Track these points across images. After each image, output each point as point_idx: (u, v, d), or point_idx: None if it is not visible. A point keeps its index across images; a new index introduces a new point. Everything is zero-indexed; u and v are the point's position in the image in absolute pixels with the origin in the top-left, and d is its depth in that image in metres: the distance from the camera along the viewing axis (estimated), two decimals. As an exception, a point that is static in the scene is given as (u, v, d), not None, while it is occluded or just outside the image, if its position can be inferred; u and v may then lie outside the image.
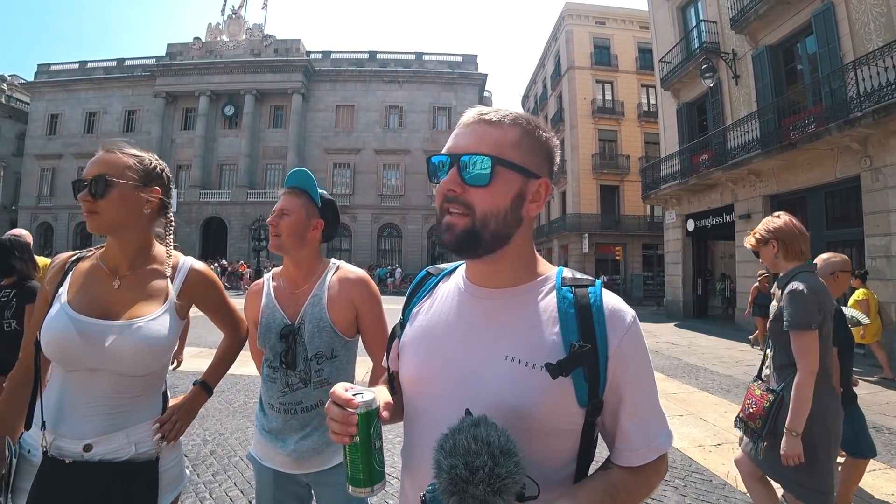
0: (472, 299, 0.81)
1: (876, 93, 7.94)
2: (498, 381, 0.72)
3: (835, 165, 9.29)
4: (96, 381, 1.15)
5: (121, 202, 1.19)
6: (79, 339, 1.12)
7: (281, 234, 1.46)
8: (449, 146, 0.77)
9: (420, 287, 0.94)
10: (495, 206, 0.73)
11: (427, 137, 32.72)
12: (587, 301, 0.75)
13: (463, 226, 0.74)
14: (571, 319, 0.74)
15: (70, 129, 34.00)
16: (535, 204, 0.77)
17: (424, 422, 0.80)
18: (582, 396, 0.71)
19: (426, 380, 0.80)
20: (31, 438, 1.16)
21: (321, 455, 1.41)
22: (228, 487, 2.99)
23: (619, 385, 0.74)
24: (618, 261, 25.76)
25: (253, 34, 33.15)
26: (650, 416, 0.76)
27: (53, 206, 33.27)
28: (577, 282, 0.79)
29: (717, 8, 13.09)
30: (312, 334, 1.42)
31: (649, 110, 25.16)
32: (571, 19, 26.75)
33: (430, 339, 0.82)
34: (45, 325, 1.15)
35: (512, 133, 0.75)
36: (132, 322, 1.18)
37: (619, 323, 0.75)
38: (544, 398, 0.70)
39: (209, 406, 4.68)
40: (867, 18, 8.76)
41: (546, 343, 0.73)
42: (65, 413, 1.14)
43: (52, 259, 1.37)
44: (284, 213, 1.47)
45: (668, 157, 15.12)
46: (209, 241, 32.39)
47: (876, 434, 4.21)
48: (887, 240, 8.17)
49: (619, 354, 0.73)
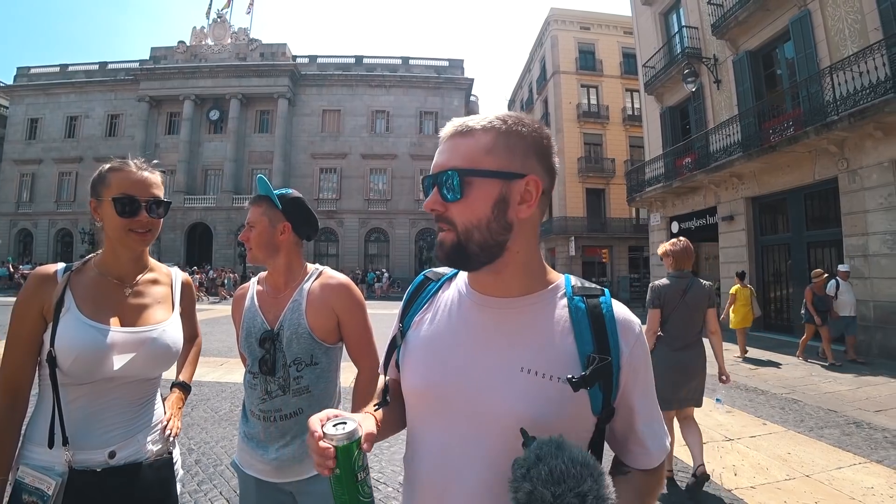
0: (479, 308, 0.80)
1: (851, 97, 8.16)
2: (514, 393, 0.71)
3: (813, 168, 9.51)
4: (112, 390, 1.17)
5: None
6: (109, 349, 1.14)
7: (252, 246, 1.47)
8: (433, 165, 0.77)
9: (418, 293, 0.92)
10: (475, 217, 0.72)
11: (414, 142, 32.73)
12: (600, 311, 0.76)
13: (450, 241, 0.74)
14: (586, 330, 0.74)
15: (50, 134, 33.32)
16: (526, 205, 0.73)
17: (434, 434, 0.78)
18: (596, 405, 0.72)
19: (434, 392, 0.78)
20: (50, 457, 1.10)
21: (302, 464, 1.38)
22: (214, 497, 2.95)
23: (631, 392, 0.76)
24: (604, 263, 25.97)
25: (238, 38, 32.90)
26: (657, 419, 0.80)
27: (33, 213, 32.56)
28: (588, 291, 0.79)
29: (699, 14, 13.34)
30: (290, 340, 1.40)
31: (634, 114, 25.52)
32: (557, 25, 27.04)
33: (435, 350, 0.80)
34: (66, 339, 1.12)
35: (484, 139, 0.73)
36: (156, 327, 1.25)
37: (630, 332, 0.76)
38: (563, 410, 0.70)
39: (194, 415, 4.61)
40: (842, 25, 9.01)
41: (562, 354, 0.73)
42: (85, 426, 1.13)
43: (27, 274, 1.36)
44: (251, 226, 1.48)
45: (653, 161, 15.35)
46: (194, 247, 31.94)
47: (855, 429, 4.32)
48: (864, 240, 8.37)
49: (630, 363, 0.75)
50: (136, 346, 1.19)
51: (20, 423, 1.14)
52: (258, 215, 1.47)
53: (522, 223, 0.75)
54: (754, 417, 4.69)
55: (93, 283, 1.23)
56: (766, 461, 3.56)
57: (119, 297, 1.24)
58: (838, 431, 4.26)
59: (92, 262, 1.28)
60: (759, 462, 3.55)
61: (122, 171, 1.23)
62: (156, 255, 1.42)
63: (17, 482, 1.08)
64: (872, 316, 8.14)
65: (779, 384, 6.14)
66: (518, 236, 0.75)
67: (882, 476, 3.28)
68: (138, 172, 1.24)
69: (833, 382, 6.22)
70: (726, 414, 4.80)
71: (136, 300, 1.27)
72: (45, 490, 1.07)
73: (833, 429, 4.33)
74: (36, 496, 1.06)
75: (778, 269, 11.17)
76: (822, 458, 3.62)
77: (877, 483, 3.16)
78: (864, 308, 8.27)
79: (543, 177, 0.75)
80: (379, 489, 3.07)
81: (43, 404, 1.15)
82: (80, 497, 1.09)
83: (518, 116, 0.76)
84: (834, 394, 5.62)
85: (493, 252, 0.74)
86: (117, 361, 1.15)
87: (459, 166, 0.72)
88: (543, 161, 0.76)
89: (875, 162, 8.23)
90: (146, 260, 1.35)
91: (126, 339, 1.18)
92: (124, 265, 1.28)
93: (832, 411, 4.90)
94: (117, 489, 1.14)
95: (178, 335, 1.32)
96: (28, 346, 1.15)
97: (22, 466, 1.11)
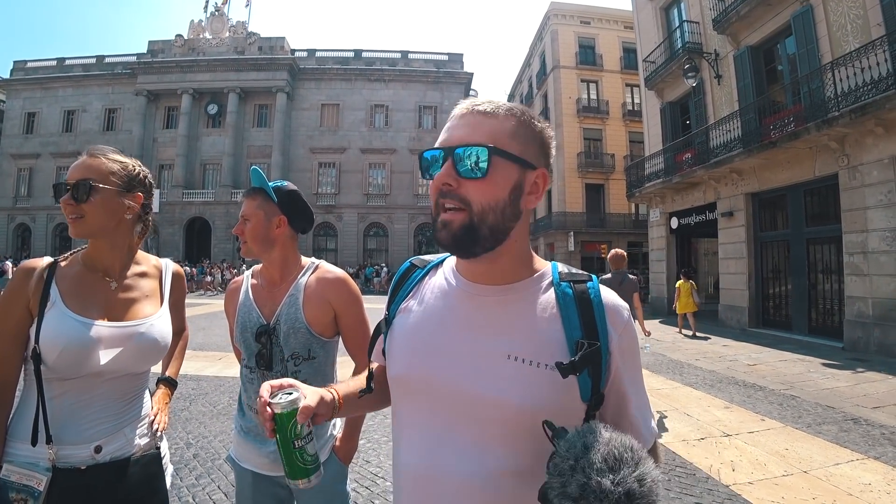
0: (466, 295, 0.78)
1: (853, 93, 8.12)
2: (502, 380, 0.70)
3: (814, 164, 9.49)
4: (99, 384, 1.15)
5: (103, 207, 1.19)
6: (96, 344, 1.12)
7: (247, 240, 1.44)
8: (442, 139, 0.74)
9: (404, 280, 0.91)
10: (493, 199, 0.71)
11: (413, 136, 32.61)
12: (587, 297, 0.75)
13: (460, 222, 0.71)
14: (573, 315, 0.73)
15: (48, 128, 33.12)
16: (534, 195, 0.75)
17: (419, 423, 0.77)
18: (585, 392, 0.71)
19: (419, 379, 0.77)
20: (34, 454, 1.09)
21: None
22: (212, 491, 2.95)
23: (620, 378, 0.74)
24: (603, 258, 25.97)
25: (236, 32, 32.68)
26: (646, 404, 0.79)
27: (31, 207, 32.43)
28: (575, 277, 0.78)
29: (700, 9, 13.27)
30: (287, 335, 1.39)
31: (634, 109, 25.41)
32: (557, 19, 26.89)
33: (422, 337, 0.79)
34: (51, 333, 1.10)
35: (507, 123, 0.72)
36: (144, 321, 1.23)
37: (619, 318, 0.75)
38: (551, 397, 0.69)
39: (192, 409, 4.61)
40: (844, 20, 8.96)
41: (549, 340, 0.72)
42: (70, 422, 1.12)
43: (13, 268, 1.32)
44: (245, 219, 1.45)
45: (653, 156, 15.32)
46: (192, 241, 31.88)
47: (853, 425, 4.33)
48: (864, 236, 8.36)
49: (619, 349, 0.74)
50: (123, 341, 1.18)
51: (6, 420, 1.12)
52: (253, 208, 1.44)
53: (526, 214, 0.76)
54: (752, 413, 4.70)
55: (78, 277, 1.21)
56: (764, 457, 3.57)
57: (105, 292, 1.22)
58: (836, 428, 4.26)
59: (79, 255, 1.26)
60: (756, 458, 3.55)
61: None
62: (154, 250, 1.36)
63: (3, 481, 1.06)
64: (871, 313, 8.14)
65: (777, 380, 6.15)
66: (520, 225, 0.76)
67: (879, 472, 3.29)
68: (82, 158, 1.21)
69: (831, 379, 6.23)
70: (724, 409, 4.81)
71: (123, 294, 1.25)
72: (34, 486, 1.05)
73: (831, 425, 4.34)
74: (25, 493, 1.05)
75: (777, 266, 11.17)
76: (819, 454, 3.63)
77: (874, 479, 3.16)
78: (862, 305, 8.28)
79: (548, 172, 0.77)
80: (377, 483, 3.08)
81: (27, 400, 1.13)
82: (66, 496, 1.08)
83: (530, 110, 0.77)
84: (832, 390, 5.63)
85: (499, 238, 0.73)
86: (104, 356, 1.13)
87: (488, 143, 0.70)
88: (548, 159, 0.78)
89: (875, 158, 8.21)
90: (133, 252, 1.32)
91: (112, 333, 1.16)
92: (106, 258, 1.25)
93: (830, 407, 4.91)
94: (104, 486, 1.13)
95: (167, 329, 1.30)
96: (14, 340, 1.12)
97: (6, 465, 1.08)
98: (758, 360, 7.56)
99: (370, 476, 3.20)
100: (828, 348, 8.55)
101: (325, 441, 1.44)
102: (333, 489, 1.43)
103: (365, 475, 3.21)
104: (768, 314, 11.28)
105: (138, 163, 1.32)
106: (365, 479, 3.14)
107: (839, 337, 8.79)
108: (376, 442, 3.68)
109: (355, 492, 2.92)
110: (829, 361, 7.36)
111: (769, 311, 11.30)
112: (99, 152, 1.23)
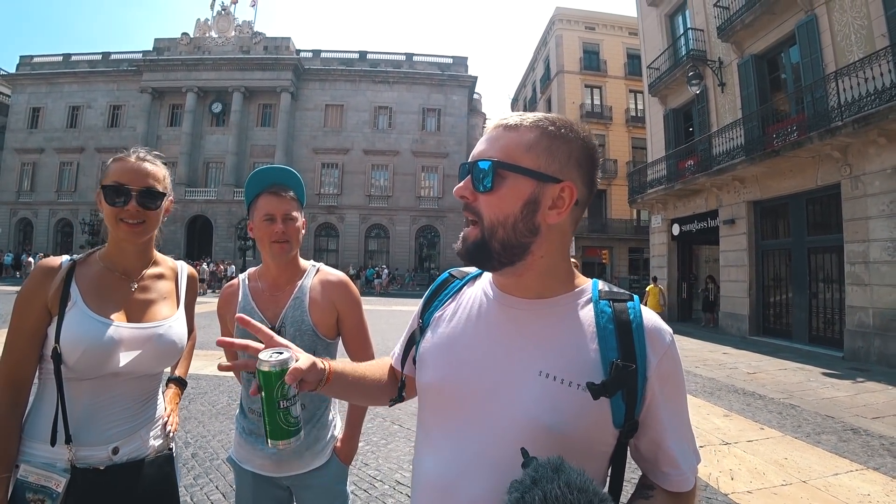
0: (501, 308, 0.77)
1: (856, 103, 8.14)
2: (531, 398, 0.68)
3: (816, 173, 9.49)
4: (117, 385, 1.16)
5: (161, 214, 1.25)
6: (117, 345, 1.13)
7: (290, 240, 1.40)
8: (472, 153, 0.77)
9: (441, 290, 0.91)
10: (502, 213, 0.70)
11: (416, 139, 32.68)
12: (627, 317, 0.71)
13: (474, 237, 0.72)
14: (611, 336, 0.70)
15: (52, 123, 33.22)
16: (556, 210, 0.71)
17: (444, 434, 0.76)
18: (618, 417, 0.68)
19: (447, 389, 0.76)
20: (52, 454, 1.08)
21: (301, 458, 1.39)
22: (210, 491, 2.95)
23: (658, 406, 0.70)
24: (604, 264, 25.99)
25: (242, 31, 32.79)
26: (689, 437, 0.74)
27: (34, 202, 32.51)
28: (615, 296, 0.75)
29: (705, 16, 13.29)
30: (294, 337, 1.38)
31: (637, 115, 25.48)
32: (562, 24, 26.98)
33: (454, 349, 0.78)
34: (73, 334, 1.09)
35: (527, 135, 0.71)
36: (163, 323, 1.24)
37: (660, 342, 0.71)
38: (581, 419, 0.67)
39: (192, 408, 4.61)
40: (849, 30, 8.97)
41: (583, 360, 0.69)
42: (89, 422, 1.11)
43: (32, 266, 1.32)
44: (290, 219, 1.40)
45: (655, 162, 15.32)
46: (194, 239, 31.92)
47: (853, 435, 4.32)
48: (865, 246, 8.36)
49: (658, 374, 0.70)
50: (143, 343, 1.18)
51: (21, 419, 1.11)
52: (296, 207, 1.44)
53: (550, 228, 0.73)
54: (752, 422, 4.69)
55: (98, 276, 1.20)
56: (763, 466, 3.56)
57: (125, 292, 1.22)
58: (835, 438, 4.25)
59: (97, 255, 1.25)
60: (755, 467, 3.55)
61: (121, 161, 1.21)
62: (157, 248, 1.39)
63: (19, 481, 1.05)
64: (872, 323, 8.13)
65: (777, 389, 6.14)
66: (544, 241, 0.73)
67: (878, 483, 3.28)
68: (135, 162, 1.20)
69: (831, 388, 6.22)
70: (724, 418, 4.80)
71: (141, 295, 1.25)
72: (52, 487, 1.04)
73: (830, 435, 4.33)
74: (42, 493, 1.04)
75: (778, 274, 11.17)
76: (818, 463, 3.62)
77: (873, 490, 3.15)
78: (863, 315, 8.27)
79: (580, 187, 0.73)
80: (375, 486, 3.07)
81: (43, 400, 1.12)
82: (84, 496, 1.07)
83: (570, 122, 0.75)
84: (832, 400, 5.61)
85: (514, 253, 0.72)
86: (123, 358, 1.14)
87: (495, 157, 0.71)
88: (585, 172, 0.74)
89: (878, 168, 8.21)
90: (152, 253, 1.32)
91: (132, 334, 1.17)
92: (129, 259, 1.25)
93: (830, 417, 4.90)
94: (121, 486, 1.13)
95: (184, 331, 1.31)
96: (32, 339, 1.12)
97: (23, 465, 1.07)
98: (758, 369, 7.54)
99: (368, 479, 3.19)
100: (828, 357, 8.53)
101: (326, 442, 1.45)
102: (334, 489, 1.44)
103: (363, 478, 3.20)
104: (769, 322, 11.26)
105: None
106: (363, 482, 3.14)
107: (839, 346, 8.78)
108: (375, 444, 3.65)
109: (353, 494, 2.92)
110: (830, 371, 7.35)
111: (770, 319, 11.29)
112: (156, 157, 1.26)
